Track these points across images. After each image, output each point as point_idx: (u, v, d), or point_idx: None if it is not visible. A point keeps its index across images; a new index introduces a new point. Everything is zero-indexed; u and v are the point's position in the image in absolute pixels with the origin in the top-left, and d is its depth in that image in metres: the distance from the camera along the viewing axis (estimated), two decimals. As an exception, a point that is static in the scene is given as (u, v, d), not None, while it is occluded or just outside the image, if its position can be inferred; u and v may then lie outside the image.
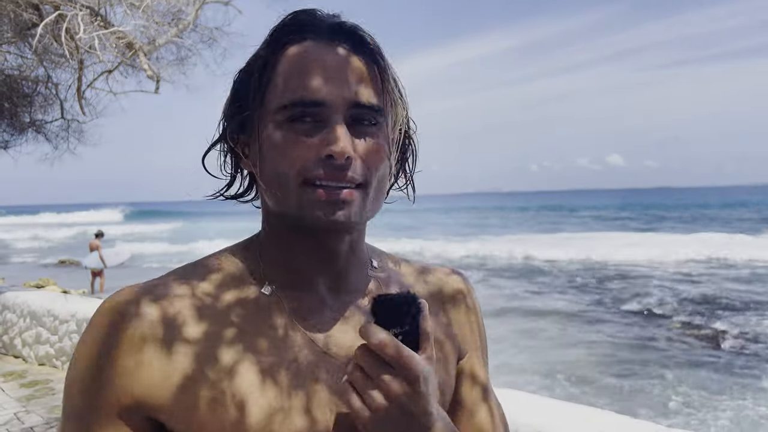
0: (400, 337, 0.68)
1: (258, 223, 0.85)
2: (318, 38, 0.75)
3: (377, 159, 0.75)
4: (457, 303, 0.92)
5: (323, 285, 0.80)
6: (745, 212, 51.05)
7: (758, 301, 12.99)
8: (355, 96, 0.73)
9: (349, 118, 0.73)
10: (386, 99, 0.76)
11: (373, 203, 0.76)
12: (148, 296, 0.73)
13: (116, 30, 5.65)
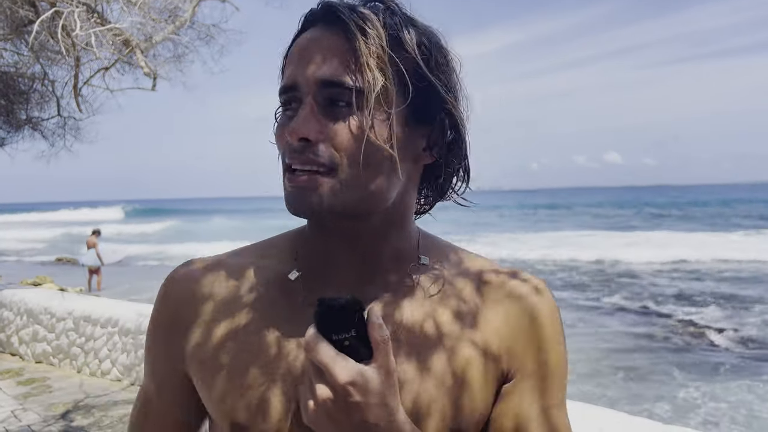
0: (347, 343, 0.65)
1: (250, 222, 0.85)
2: (315, 27, 0.75)
3: (347, 141, 0.69)
4: (514, 314, 0.79)
5: (346, 273, 0.78)
6: (743, 210, 51.13)
7: (757, 298, 13.01)
8: (322, 75, 0.70)
9: (324, 101, 0.71)
10: (364, 76, 0.69)
11: (353, 188, 0.71)
12: (196, 269, 0.83)
13: (113, 27, 5.63)
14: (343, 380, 0.63)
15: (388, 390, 0.65)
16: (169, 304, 0.82)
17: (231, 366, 0.75)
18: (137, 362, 6.10)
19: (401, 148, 0.73)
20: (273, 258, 0.83)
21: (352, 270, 0.78)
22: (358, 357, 0.65)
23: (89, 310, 6.77)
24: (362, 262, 0.78)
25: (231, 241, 27.63)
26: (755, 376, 7.78)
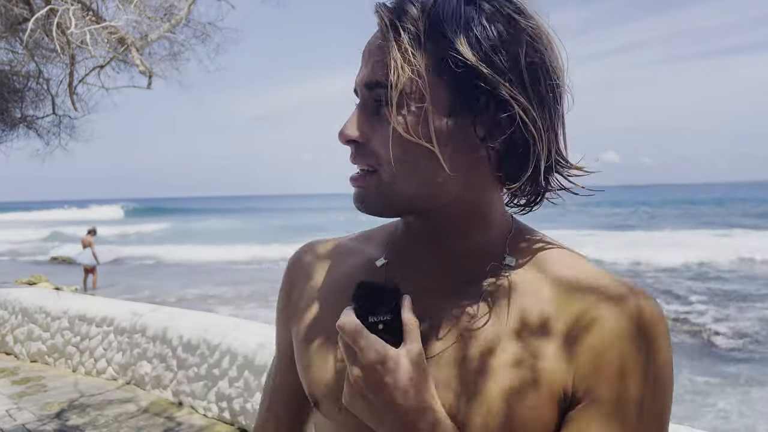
0: (381, 327, 0.67)
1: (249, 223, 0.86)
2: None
3: (384, 140, 0.69)
4: (599, 331, 0.69)
5: (427, 267, 0.78)
6: (739, 208, 51.30)
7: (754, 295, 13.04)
8: (366, 77, 0.72)
9: (369, 102, 0.72)
10: (395, 72, 0.67)
11: (394, 187, 0.71)
12: (309, 249, 0.92)
13: (108, 25, 5.61)
14: (370, 359, 0.65)
15: (416, 375, 0.66)
16: (288, 277, 0.91)
17: (312, 342, 0.81)
18: (132, 361, 6.08)
19: (446, 141, 0.69)
20: (373, 244, 0.86)
21: (430, 264, 0.78)
22: (391, 341, 0.67)
23: (84, 309, 6.75)
24: (441, 258, 0.77)
25: (227, 244, 27.54)
26: (759, 374, 7.80)
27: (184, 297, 14.40)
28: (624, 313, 0.69)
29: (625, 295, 0.70)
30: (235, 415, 4.91)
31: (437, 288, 0.76)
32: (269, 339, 4.85)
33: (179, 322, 5.73)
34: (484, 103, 0.68)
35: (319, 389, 0.78)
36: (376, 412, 0.67)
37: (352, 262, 0.85)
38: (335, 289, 0.83)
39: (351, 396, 0.68)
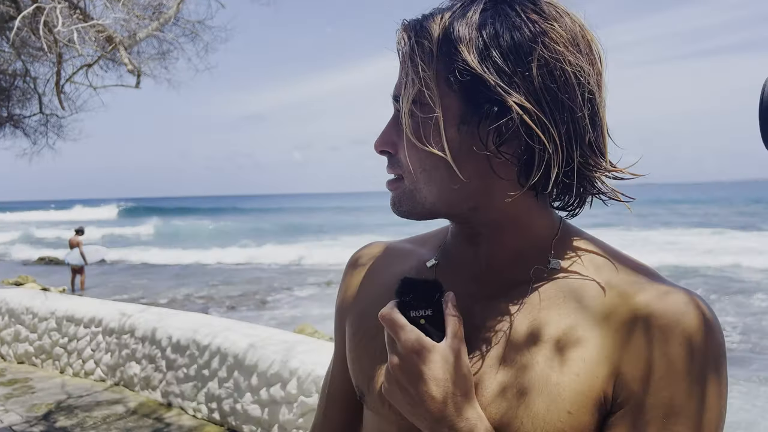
0: (422, 321, 0.70)
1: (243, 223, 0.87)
2: None
3: (407, 149, 0.74)
4: (637, 334, 0.68)
5: (473, 269, 0.80)
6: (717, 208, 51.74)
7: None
8: (395, 91, 0.76)
9: (397, 112, 0.77)
10: (405, 85, 0.73)
11: (416, 194, 0.76)
12: (368, 249, 0.96)
13: (96, 23, 5.56)
14: (408, 346, 0.67)
15: (455, 370, 0.67)
16: (347, 276, 0.96)
17: (362, 336, 0.85)
18: (121, 362, 6.04)
19: (458, 149, 0.70)
20: (427, 246, 0.90)
21: (475, 267, 0.80)
22: (433, 336, 0.69)
23: (72, 309, 6.69)
24: (484, 261, 0.79)
25: (219, 245, 27.38)
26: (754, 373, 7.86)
27: (175, 298, 14.33)
28: (672, 318, 0.67)
29: (674, 299, 0.69)
30: (224, 416, 4.89)
31: (482, 290, 0.78)
32: (259, 339, 4.84)
33: (168, 322, 5.69)
34: (492, 111, 0.67)
35: (363, 382, 0.82)
36: (411, 402, 0.68)
37: (406, 263, 0.89)
38: (388, 289, 0.83)
39: (388, 383, 0.70)
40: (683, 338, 0.66)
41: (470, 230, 0.79)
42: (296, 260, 21.06)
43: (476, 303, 0.77)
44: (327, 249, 23.45)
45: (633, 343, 0.68)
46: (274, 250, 24.35)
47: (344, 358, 0.91)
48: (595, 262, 0.76)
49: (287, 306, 12.83)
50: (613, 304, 0.71)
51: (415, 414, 0.69)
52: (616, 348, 0.69)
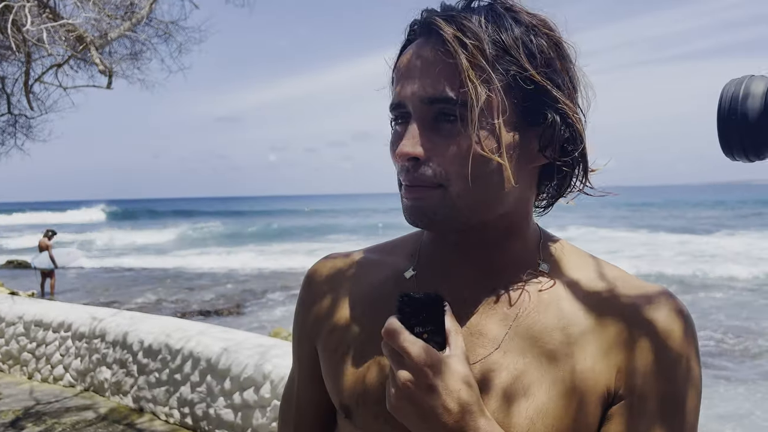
0: (425, 336, 0.69)
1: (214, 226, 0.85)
2: (420, 39, 0.75)
3: (455, 156, 0.70)
4: (632, 331, 0.73)
5: (461, 278, 0.80)
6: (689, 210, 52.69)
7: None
8: (425, 92, 0.71)
9: (430, 116, 0.72)
10: (466, 90, 0.69)
11: (463, 202, 0.72)
12: (329, 261, 0.92)
13: (66, 22, 5.46)
14: (421, 362, 0.66)
15: (464, 380, 0.68)
16: (310, 291, 0.91)
17: (344, 351, 0.82)
18: (91, 367, 5.94)
19: (512, 155, 0.72)
20: (397, 256, 0.88)
21: (466, 274, 0.79)
22: (435, 349, 0.69)
23: (41, 314, 6.56)
24: (477, 267, 0.79)
25: (196, 250, 27.06)
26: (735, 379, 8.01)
27: (147, 303, 14.13)
28: (659, 313, 0.73)
29: (658, 296, 0.75)
30: (197, 421, 4.83)
31: (475, 297, 0.78)
32: (234, 343, 4.79)
33: (140, 326, 5.61)
34: (546, 118, 0.72)
35: (352, 399, 0.79)
36: (423, 416, 0.67)
37: (379, 275, 0.86)
38: (364, 301, 0.84)
39: (398, 400, 0.68)
40: (673, 332, 0.73)
41: (474, 239, 0.78)
42: (273, 264, 20.92)
43: (470, 310, 0.77)
44: (304, 253, 23.33)
45: (629, 339, 0.73)
46: (251, 253, 24.14)
47: (312, 376, 0.90)
48: (577, 264, 0.81)
49: (263, 310, 12.73)
50: (604, 302, 0.75)
51: (426, 427, 0.68)
52: (613, 344, 0.73)
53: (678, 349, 0.73)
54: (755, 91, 0.62)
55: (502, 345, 0.75)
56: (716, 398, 6.98)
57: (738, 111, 0.62)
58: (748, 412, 6.65)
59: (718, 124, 0.63)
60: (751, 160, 0.64)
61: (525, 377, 0.73)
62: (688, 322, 0.74)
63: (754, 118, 0.61)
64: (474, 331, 0.76)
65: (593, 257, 0.83)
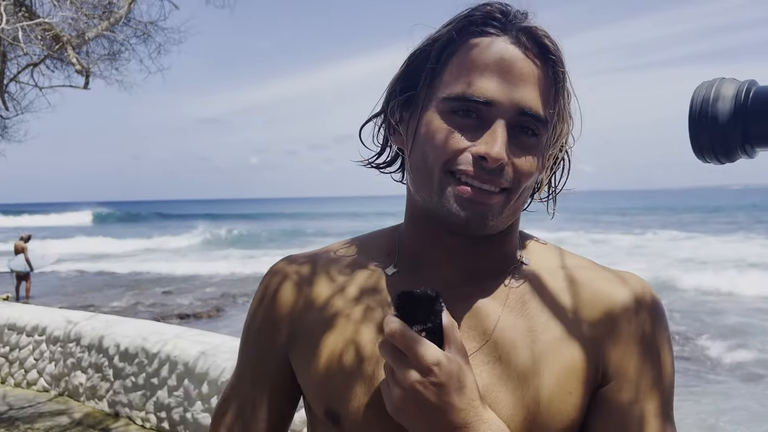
0: (423, 334, 0.69)
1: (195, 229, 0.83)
2: (503, 36, 0.74)
3: (529, 170, 0.74)
4: (612, 316, 0.77)
5: (449, 274, 0.80)
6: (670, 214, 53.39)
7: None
8: (524, 104, 0.73)
9: (513, 124, 0.73)
10: (556, 113, 0.75)
11: (510, 209, 0.76)
12: (294, 262, 0.89)
13: (42, 21, 5.38)
14: (430, 360, 0.67)
15: (467, 376, 0.69)
16: (272, 295, 0.87)
17: (329, 354, 0.79)
18: (66, 372, 5.84)
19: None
20: (371, 254, 0.86)
21: (453, 271, 0.80)
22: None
23: (15, 317, 6.44)
24: (466, 265, 0.80)
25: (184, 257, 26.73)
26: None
27: (124, 306, 13.96)
28: (634, 296, 0.78)
29: (630, 280, 0.80)
30: (174, 425, 4.77)
31: (464, 292, 0.79)
32: (211, 347, 4.75)
33: (116, 330, 5.53)
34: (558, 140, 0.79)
35: (343, 404, 0.77)
36: (430, 416, 0.68)
37: (356, 274, 0.84)
38: (345, 302, 0.82)
39: (402, 401, 0.68)
40: (648, 312, 0.78)
41: (468, 242, 0.79)
42: (254, 269, 20.79)
43: (460, 305, 0.78)
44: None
45: (610, 322, 0.77)
46: (232, 257, 23.96)
47: (275, 387, 0.85)
48: (553, 257, 0.85)
49: (242, 314, 12.64)
50: (583, 290, 0.79)
51: (433, 428, 0.68)
52: (596, 328, 0.77)
53: (654, 327, 0.77)
54: (725, 93, 0.62)
55: (493, 337, 0.76)
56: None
57: (708, 113, 0.62)
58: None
59: (690, 126, 0.63)
60: (721, 162, 0.64)
61: (517, 367, 0.75)
62: (658, 302, 0.80)
63: (724, 120, 0.61)
64: (464, 325, 0.77)
65: (562, 249, 0.87)
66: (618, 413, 0.74)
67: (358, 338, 0.79)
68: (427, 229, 0.81)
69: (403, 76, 0.80)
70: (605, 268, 0.84)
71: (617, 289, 0.79)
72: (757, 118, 0.60)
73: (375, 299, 0.81)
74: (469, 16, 0.76)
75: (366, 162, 0.87)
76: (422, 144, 0.76)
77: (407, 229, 0.85)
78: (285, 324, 0.85)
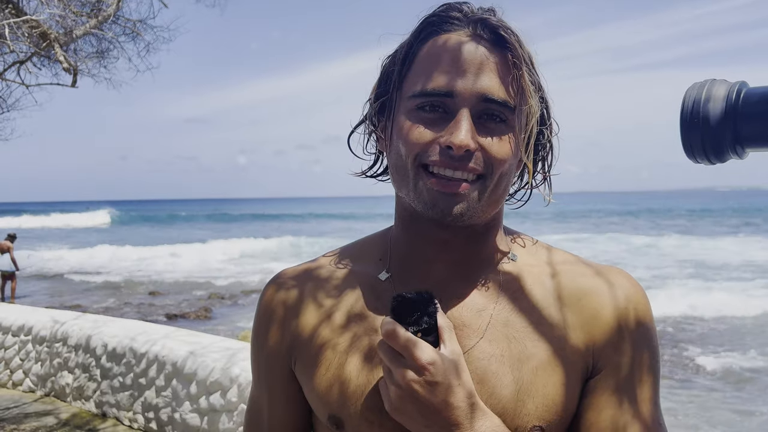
0: (419, 335, 0.71)
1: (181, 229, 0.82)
2: (461, 31, 0.77)
3: (501, 154, 0.75)
4: (600, 308, 0.80)
5: (439, 273, 0.82)
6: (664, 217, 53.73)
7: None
8: (485, 91, 0.74)
9: (478, 113, 0.75)
10: (519, 97, 0.75)
11: (490, 198, 0.77)
12: (288, 278, 0.90)
13: (29, 18, 5.33)
14: (425, 360, 0.69)
15: (463, 375, 0.71)
16: (272, 311, 0.88)
17: (330, 362, 0.81)
18: (52, 372, 5.79)
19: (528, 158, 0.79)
20: (364, 261, 0.88)
21: (445, 269, 0.82)
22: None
23: (0, 317, 6.38)
24: (456, 262, 0.82)
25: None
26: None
27: (111, 307, 13.86)
28: (620, 290, 0.81)
29: (616, 274, 0.83)
30: (162, 426, 4.75)
31: (454, 290, 0.81)
32: (200, 347, 4.73)
33: (104, 330, 5.50)
34: (543, 134, 0.81)
35: (344, 409, 0.79)
36: (427, 414, 0.70)
37: (351, 283, 0.86)
38: (343, 311, 0.84)
39: (400, 400, 0.70)
40: (635, 303, 0.80)
41: (457, 236, 0.80)
42: (243, 269, 20.70)
43: (450, 302, 0.80)
44: (272, 258, 23.14)
45: (598, 314, 0.79)
46: (221, 257, 23.86)
47: (288, 398, 0.87)
48: (541, 253, 0.87)
49: (233, 314, 12.59)
50: (572, 285, 0.81)
51: (430, 426, 0.70)
52: (585, 320, 0.79)
53: (641, 318, 0.80)
54: (716, 94, 0.63)
55: (486, 334, 0.78)
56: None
57: (700, 114, 0.63)
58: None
59: (681, 127, 0.64)
60: (712, 163, 0.65)
61: (511, 362, 0.76)
62: (644, 293, 0.82)
63: (716, 121, 0.62)
64: (458, 323, 0.79)
65: (549, 246, 0.90)
66: (608, 402, 0.77)
67: (356, 346, 0.80)
68: (415, 228, 0.83)
69: (378, 84, 0.84)
70: (592, 263, 0.86)
71: (604, 283, 0.81)
72: (747, 119, 0.61)
73: (371, 306, 0.83)
74: (430, 17, 0.79)
75: (361, 174, 0.90)
76: (396, 143, 0.78)
77: (397, 230, 0.87)
78: (285, 341, 0.86)
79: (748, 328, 10.75)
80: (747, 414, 6.76)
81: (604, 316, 0.79)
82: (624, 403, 0.76)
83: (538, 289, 0.82)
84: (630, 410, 0.76)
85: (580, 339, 0.78)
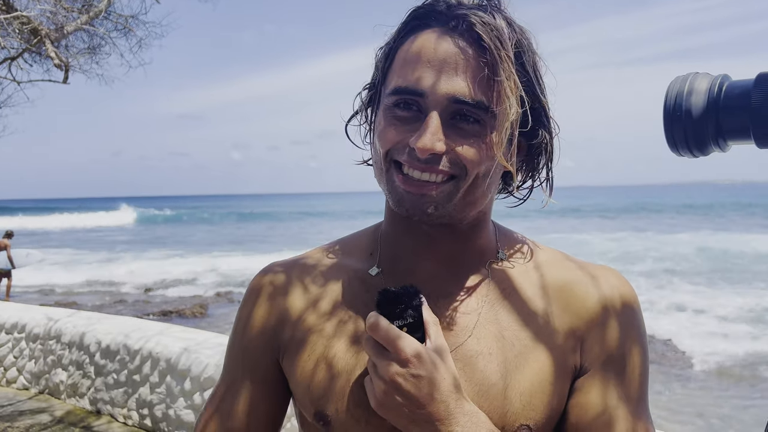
0: (405, 329, 0.71)
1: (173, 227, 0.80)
2: (441, 28, 0.75)
3: (473, 156, 0.73)
4: (587, 306, 0.80)
5: (428, 269, 0.82)
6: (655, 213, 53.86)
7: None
8: (456, 92, 0.72)
9: (451, 113, 0.73)
10: (495, 96, 0.72)
11: (464, 199, 0.75)
12: (277, 270, 0.89)
13: (20, 14, 5.30)
14: (409, 353, 0.68)
15: (448, 369, 0.70)
16: (259, 303, 0.87)
17: (315, 359, 0.80)
18: (46, 369, 5.77)
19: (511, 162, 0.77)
20: (354, 255, 0.87)
21: (433, 266, 0.82)
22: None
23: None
24: (444, 260, 0.82)
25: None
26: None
27: (106, 304, 13.82)
28: (609, 288, 0.81)
29: (605, 273, 0.83)
30: (156, 422, 4.74)
31: (443, 288, 0.81)
32: (194, 343, 4.72)
33: (98, 327, 5.48)
34: (538, 135, 0.78)
35: (331, 405, 0.78)
36: (411, 408, 0.69)
37: (340, 277, 0.85)
38: (330, 306, 0.83)
39: (384, 395, 0.70)
40: (623, 302, 0.80)
41: (444, 234, 0.80)
42: (237, 267, 20.67)
43: (439, 300, 0.80)
44: (266, 254, 23.15)
45: (586, 313, 0.79)
46: (217, 256, 23.83)
47: (269, 392, 0.84)
48: (531, 250, 0.86)
49: (229, 312, 12.57)
50: (561, 283, 0.81)
51: (415, 420, 0.69)
52: (573, 319, 0.79)
53: (630, 317, 0.80)
54: (699, 87, 0.63)
55: (475, 332, 0.78)
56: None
57: (682, 107, 0.63)
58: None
59: (664, 120, 0.64)
60: (695, 156, 0.65)
61: (499, 361, 0.76)
62: (633, 292, 0.82)
63: (698, 114, 0.62)
64: (446, 321, 0.79)
65: (538, 244, 0.89)
66: (596, 401, 0.76)
67: (343, 341, 0.80)
68: (401, 222, 0.83)
69: (371, 78, 0.84)
70: (581, 261, 0.86)
71: (593, 281, 0.81)
72: (729, 113, 0.61)
73: (359, 301, 0.82)
74: (414, 12, 0.78)
75: (363, 162, 0.89)
76: (374, 138, 0.79)
77: (386, 225, 0.87)
78: (272, 333, 0.85)
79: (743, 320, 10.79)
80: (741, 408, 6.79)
81: (592, 314, 0.79)
82: (611, 402, 0.76)
83: (526, 288, 0.81)
84: (616, 408, 0.76)
85: (567, 337, 0.78)
